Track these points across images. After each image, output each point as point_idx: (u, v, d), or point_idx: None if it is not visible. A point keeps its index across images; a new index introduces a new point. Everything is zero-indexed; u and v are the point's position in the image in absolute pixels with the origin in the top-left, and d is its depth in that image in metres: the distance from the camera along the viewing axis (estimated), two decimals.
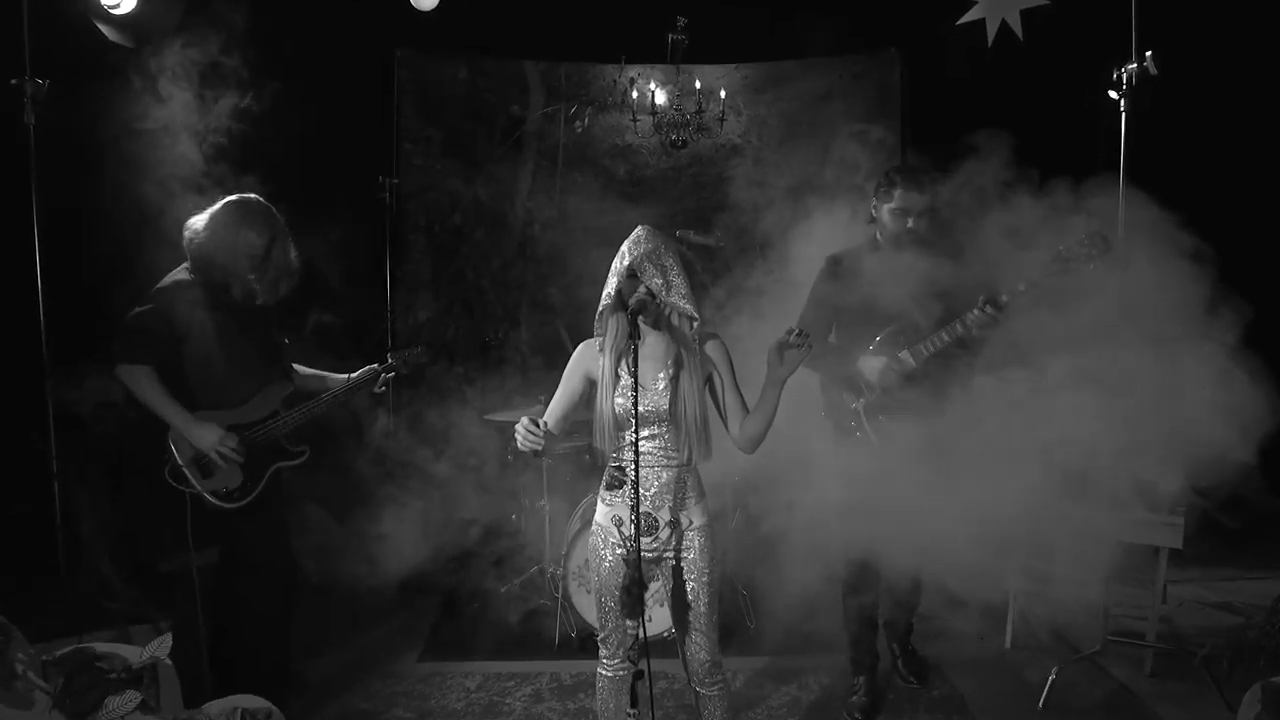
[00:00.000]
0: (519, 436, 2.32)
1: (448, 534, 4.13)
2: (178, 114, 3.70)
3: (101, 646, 2.17)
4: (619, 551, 2.54)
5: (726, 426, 2.63)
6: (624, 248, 2.51)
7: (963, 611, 4.20)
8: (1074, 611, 3.91)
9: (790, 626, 3.92)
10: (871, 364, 3.29)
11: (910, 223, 3.24)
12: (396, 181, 5.26)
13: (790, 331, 2.43)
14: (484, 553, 4.53)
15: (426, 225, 5.71)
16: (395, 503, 4.07)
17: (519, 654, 4.01)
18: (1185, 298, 2.82)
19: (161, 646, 2.21)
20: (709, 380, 2.59)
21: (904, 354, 3.25)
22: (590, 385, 2.60)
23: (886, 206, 3.28)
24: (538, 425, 2.31)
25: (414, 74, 5.66)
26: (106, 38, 4.27)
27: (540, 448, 2.32)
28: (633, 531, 2.32)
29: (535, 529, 4.51)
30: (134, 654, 2.17)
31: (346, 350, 4.73)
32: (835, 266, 3.41)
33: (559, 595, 4.09)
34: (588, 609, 3.93)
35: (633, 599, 2.28)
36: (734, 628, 4.16)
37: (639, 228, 2.54)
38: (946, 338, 3.18)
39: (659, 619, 3.81)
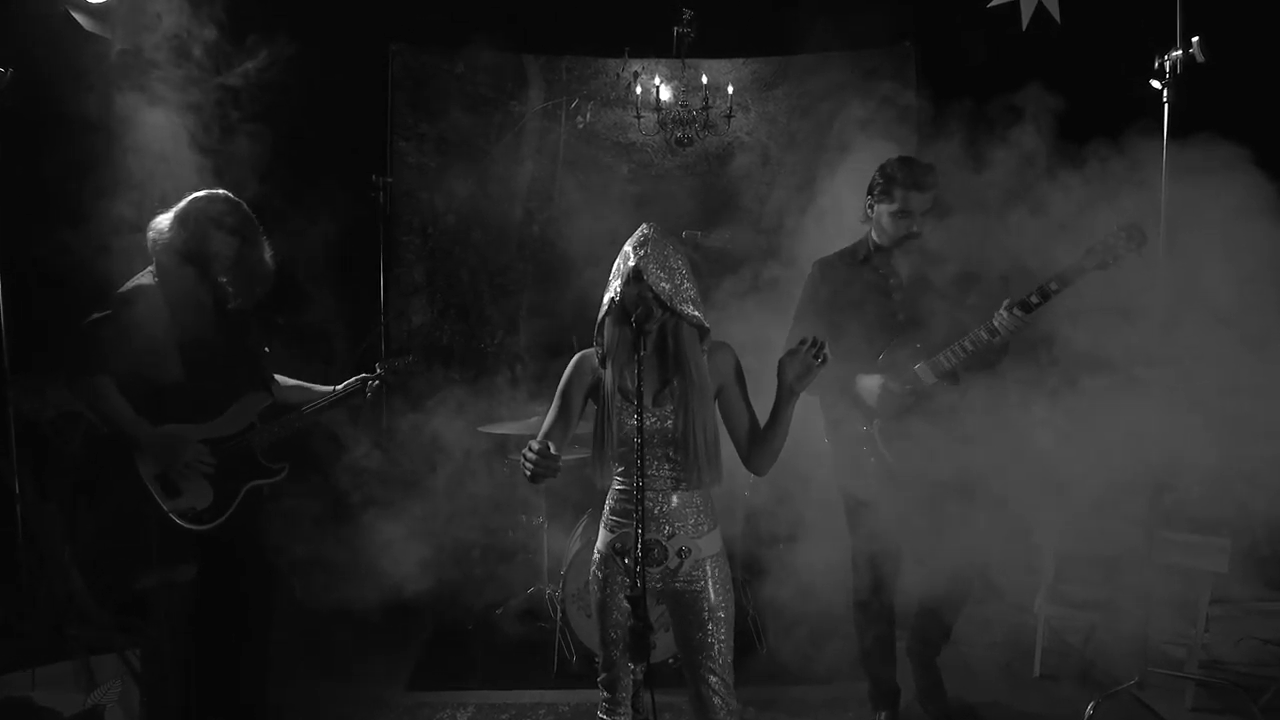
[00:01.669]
0: (528, 466, 2.08)
1: (439, 552, 3.89)
2: (155, 108, 3.49)
3: (41, 697, 1.94)
4: (624, 583, 2.29)
5: (736, 445, 2.38)
6: (627, 248, 2.27)
7: (989, 636, 3.98)
8: (1109, 638, 3.69)
9: (806, 652, 3.69)
10: (875, 383, 3.00)
11: (914, 226, 2.96)
12: (390, 180, 5.03)
13: (804, 342, 2.19)
14: (478, 572, 4.29)
15: (420, 226, 5.48)
16: (383, 519, 3.82)
17: (515, 682, 3.75)
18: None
19: (108, 693, 1.98)
20: (718, 394, 2.35)
21: (920, 368, 2.96)
22: (589, 401, 2.36)
23: (886, 209, 2.99)
24: (549, 451, 2.07)
25: (408, 68, 5.44)
26: (82, 27, 4.06)
27: (553, 476, 2.08)
28: (635, 562, 2.06)
29: (533, 547, 4.28)
30: (77, 702, 1.95)
31: (335, 357, 4.51)
32: (828, 272, 3.13)
33: (558, 618, 3.84)
34: (588, 633, 3.68)
35: (638, 641, 2.03)
36: (743, 653, 3.91)
37: (644, 225, 2.30)
38: (970, 347, 2.89)
39: (662, 644, 3.57)
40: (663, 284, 2.19)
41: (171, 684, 3.10)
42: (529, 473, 2.09)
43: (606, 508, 2.38)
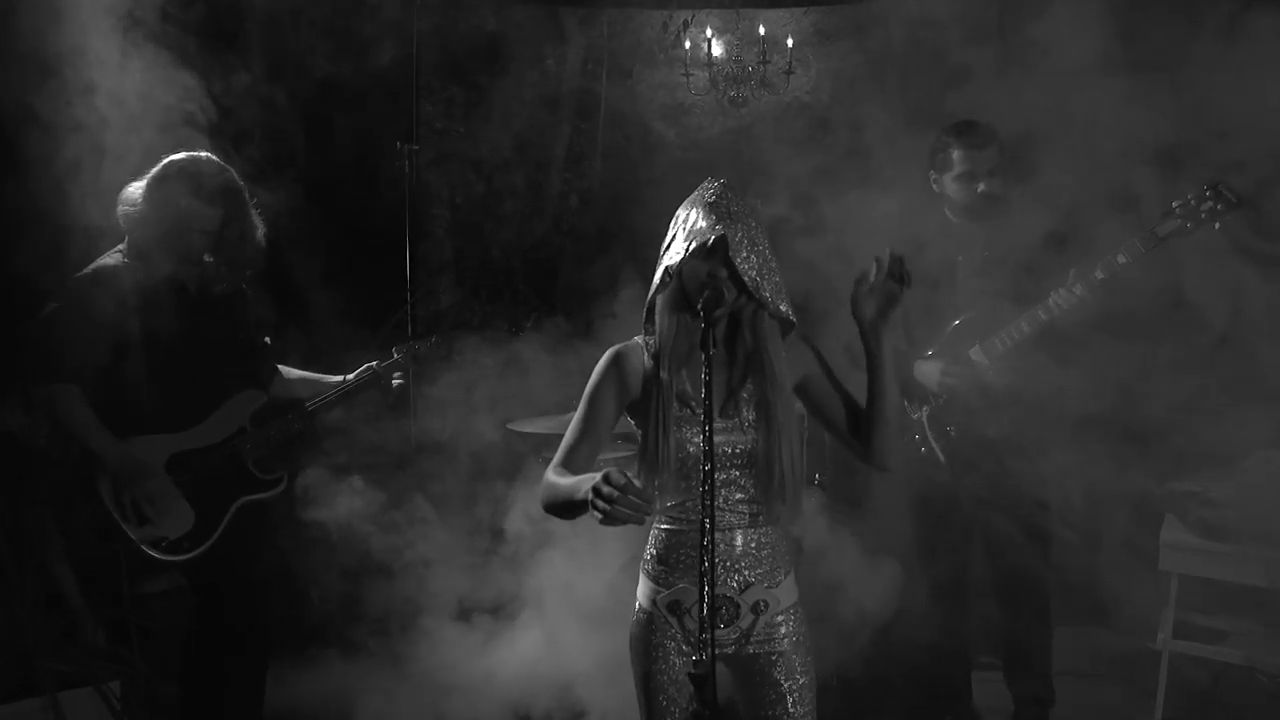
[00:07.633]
0: (603, 505, 1.52)
1: (460, 567, 3.45)
2: (152, 71, 3.08)
3: None
4: (681, 650, 1.81)
5: (840, 439, 1.89)
6: (694, 209, 1.76)
7: (1100, 671, 3.49)
8: (1248, 679, 3.18)
9: (875, 683, 3.20)
10: (931, 368, 2.75)
11: (982, 186, 2.76)
12: (416, 148, 4.67)
13: (877, 262, 1.67)
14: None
15: (449, 197, 5.11)
16: (393, 529, 3.40)
17: None
18: None
19: None
20: (802, 392, 1.86)
21: (974, 351, 2.70)
22: (627, 408, 1.86)
23: (949, 175, 2.82)
24: (634, 484, 1.54)
25: (435, 25, 5.03)
26: None
27: (638, 521, 1.55)
28: (700, 625, 1.56)
29: None
30: None
31: (355, 343, 4.11)
32: (934, 240, 2.85)
33: None
34: None
35: None
36: None
37: (713, 182, 1.79)
38: (1026, 329, 2.64)
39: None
40: (750, 263, 1.69)
41: None
42: (601, 515, 1.54)
43: (649, 552, 1.90)
